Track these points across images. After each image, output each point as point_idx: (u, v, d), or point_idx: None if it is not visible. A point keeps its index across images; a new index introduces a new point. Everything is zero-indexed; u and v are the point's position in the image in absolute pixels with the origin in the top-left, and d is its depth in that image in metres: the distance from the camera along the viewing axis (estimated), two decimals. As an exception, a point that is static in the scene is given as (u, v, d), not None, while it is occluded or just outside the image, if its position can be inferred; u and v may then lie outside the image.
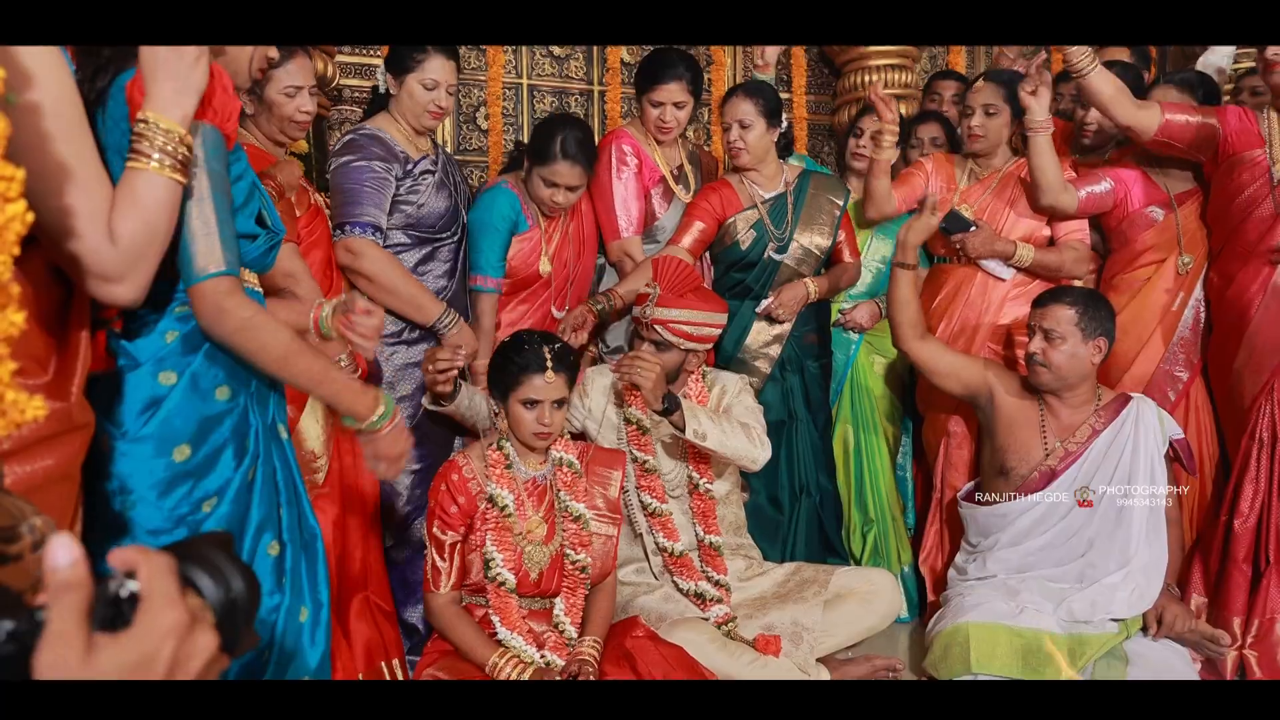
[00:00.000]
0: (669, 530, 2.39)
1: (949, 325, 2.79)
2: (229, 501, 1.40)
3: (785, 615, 2.30)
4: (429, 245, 2.44)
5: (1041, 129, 2.60)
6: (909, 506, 3.10)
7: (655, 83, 2.71)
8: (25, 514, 0.79)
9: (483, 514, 2.09)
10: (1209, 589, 2.52)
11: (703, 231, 2.71)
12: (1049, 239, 2.78)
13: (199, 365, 1.37)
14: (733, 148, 2.71)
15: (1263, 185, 2.46)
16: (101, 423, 1.29)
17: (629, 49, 3.80)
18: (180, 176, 1.18)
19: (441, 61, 2.39)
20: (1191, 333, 2.68)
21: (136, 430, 1.33)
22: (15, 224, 0.73)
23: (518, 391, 2.09)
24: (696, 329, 2.37)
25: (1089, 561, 2.32)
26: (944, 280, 2.84)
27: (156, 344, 1.34)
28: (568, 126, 2.49)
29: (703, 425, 2.26)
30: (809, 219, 2.78)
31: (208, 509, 1.39)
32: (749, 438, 2.33)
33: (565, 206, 2.55)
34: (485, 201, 2.53)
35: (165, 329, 1.35)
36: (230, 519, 1.41)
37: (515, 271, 2.58)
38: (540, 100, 3.72)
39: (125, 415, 1.33)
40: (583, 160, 2.47)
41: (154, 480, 1.34)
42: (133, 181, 1.14)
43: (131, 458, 1.33)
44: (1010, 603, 2.26)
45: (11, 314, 0.73)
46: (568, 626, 2.11)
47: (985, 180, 2.81)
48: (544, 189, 2.49)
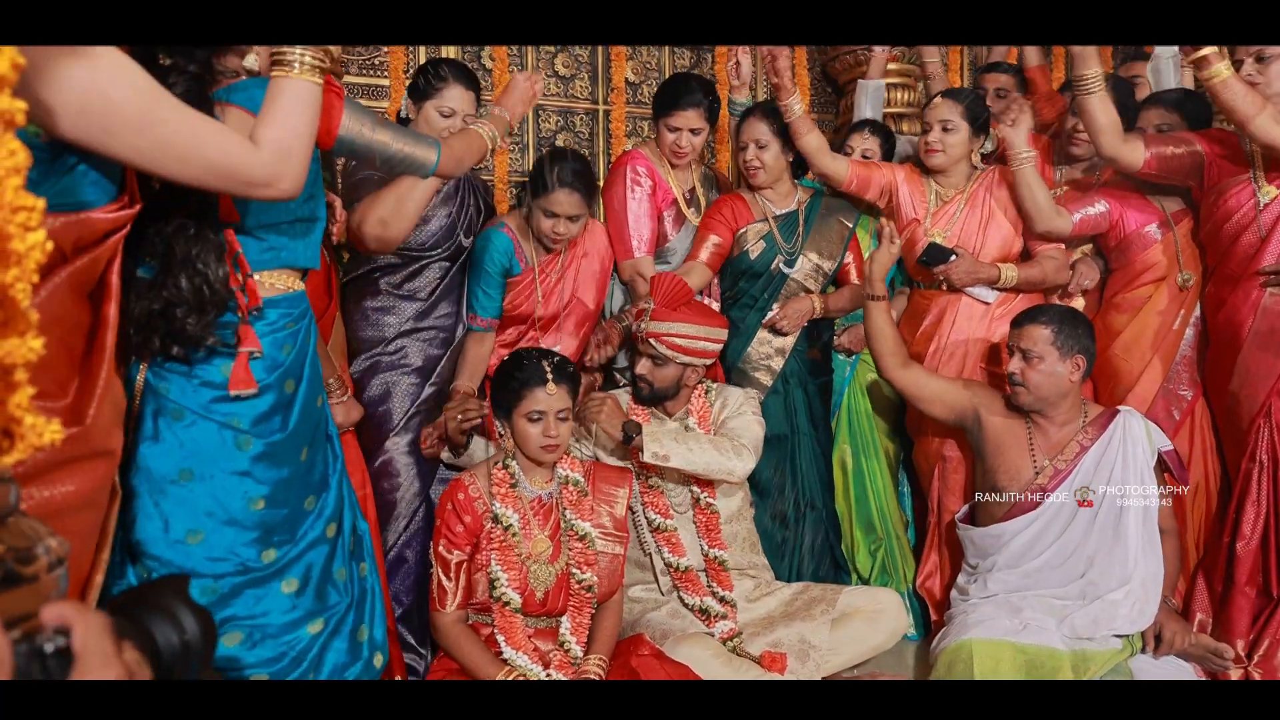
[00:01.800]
0: (675, 546, 2.40)
1: (938, 350, 2.79)
2: (332, 497, 1.61)
3: (792, 633, 2.30)
4: (416, 263, 2.47)
5: (1026, 161, 2.63)
6: (910, 523, 3.10)
7: (673, 108, 2.75)
8: (41, 535, 0.80)
9: (488, 533, 2.10)
10: (1214, 610, 2.51)
11: (719, 245, 2.75)
12: (1024, 250, 2.81)
13: (310, 372, 1.58)
14: (749, 167, 2.76)
15: (1249, 210, 2.46)
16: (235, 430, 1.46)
17: (633, 69, 3.83)
18: (317, 79, 1.32)
19: (460, 91, 2.43)
20: (1194, 350, 2.67)
21: (270, 435, 1.50)
22: (35, 252, 0.75)
23: (521, 406, 2.10)
24: (691, 343, 2.39)
25: (1090, 580, 2.31)
26: (928, 306, 2.84)
27: (277, 356, 1.53)
28: (564, 157, 2.52)
29: (664, 447, 2.28)
30: (818, 237, 2.83)
31: (310, 505, 1.58)
32: (719, 451, 2.33)
33: (567, 238, 2.55)
34: (481, 243, 2.55)
35: (283, 342, 1.54)
36: (334, 512, 1.62)
37: (507, 310, 2.60)
38: (546, 119, 3.76)
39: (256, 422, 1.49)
40: (580, 189, 2.48)
41: (281, 479, 1.52)
42: (274, 90, 1.30)
43: (268, 459, 1.50)
44: (1013, 619, 2.26)
45: (30, 340, 0.75)
46: (573, 645, 2.11)
47: (952, 201, 2.82)
48: (545, 221, 2.50)
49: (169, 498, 1.44)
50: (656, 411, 2.51)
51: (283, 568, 1.53)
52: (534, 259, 2.59)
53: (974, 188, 2.82)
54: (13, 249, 0.73)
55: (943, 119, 2.77)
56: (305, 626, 1.56)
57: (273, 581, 1.52)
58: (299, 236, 1.59)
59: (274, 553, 1.52)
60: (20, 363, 0.75)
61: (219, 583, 1.47)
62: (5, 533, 0.75)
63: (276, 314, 1.53)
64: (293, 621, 1.54)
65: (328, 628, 1.59)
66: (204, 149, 1.18)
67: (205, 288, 1.38)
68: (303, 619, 1.55)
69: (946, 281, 2.75)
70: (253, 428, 1.49)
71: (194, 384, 1.44)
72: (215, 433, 1.46)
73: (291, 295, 1.58)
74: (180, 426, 1.44)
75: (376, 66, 3.33)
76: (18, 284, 0.73)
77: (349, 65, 3.33)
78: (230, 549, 1.48)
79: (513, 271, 2.56)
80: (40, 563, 0.77)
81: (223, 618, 1.47)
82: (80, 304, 1.18)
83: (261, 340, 1.49)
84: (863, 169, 2.86)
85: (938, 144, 2.77)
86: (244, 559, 1.49)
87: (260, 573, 1.51)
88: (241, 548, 1.49)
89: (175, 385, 1.44)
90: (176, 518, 1.44)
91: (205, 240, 1.38)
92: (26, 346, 0.75)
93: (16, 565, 0.74)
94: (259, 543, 1.50)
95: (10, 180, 0.74)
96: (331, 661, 1.59)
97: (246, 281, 1.46)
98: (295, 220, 1.57)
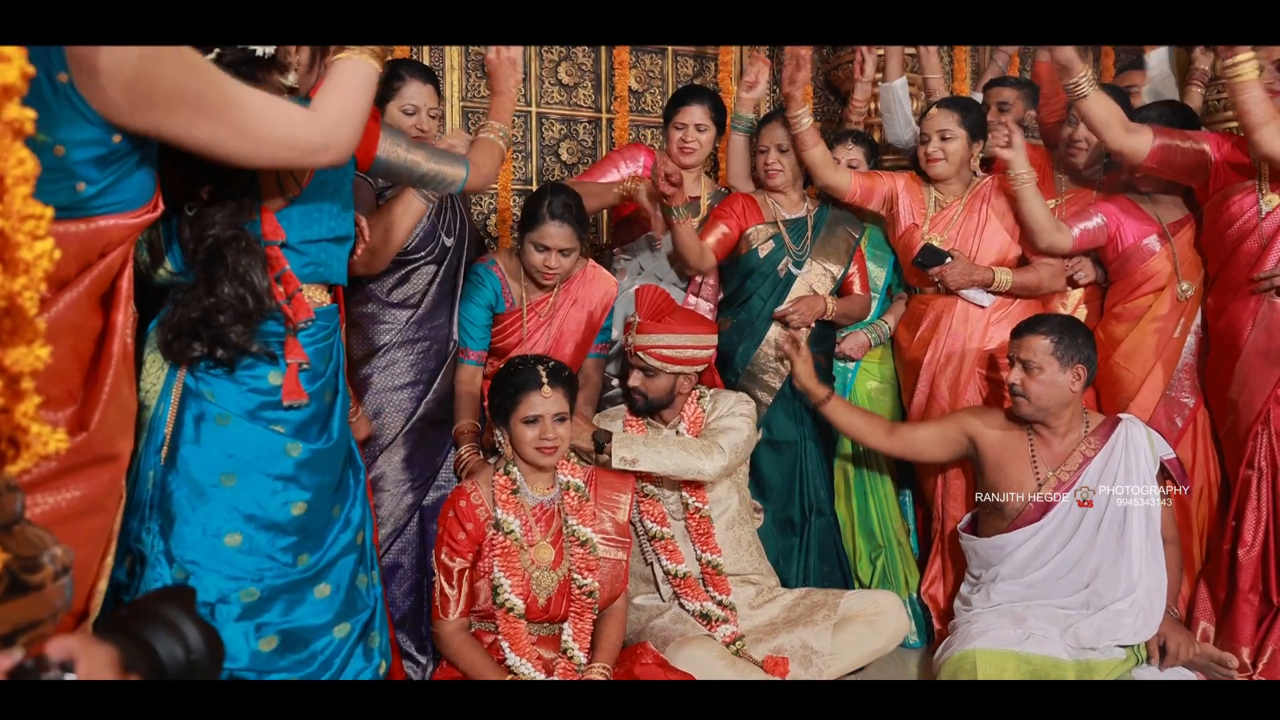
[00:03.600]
0: (673, 553, 2.41)
1: (934, 355, 2.80)
2: (359, 505, 1.66)
3: (794, 638, 2.30)
4: (403, 268, 2.45)
5: (1026, 182, 2.65)
6: (912, 530, 3.09)
7: (679, 105, 2.87)
8: (46, 544, 0.80)
9: (490, 540, 2.10)
10: (1217, 617, 2.51)
11: (725, 235, 2.84)
12: (1020, 257, 2.82)
13: (342, 385, 1.64)
14: (770, 169, 2.87)
15: (1251, 217, 2.46)
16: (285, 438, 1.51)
17: (637, 77, 3.84)
18: (377, 62, 1.40)
19: (418, 86, 2.43)
20: (1195, 358, 2.68)
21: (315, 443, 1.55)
22: (43, 261, 0.75)
23: (518, 411, 2.11)
24: (678, 352, 2.42)
25: (1094, 590, 2.30)
26: (924, 312, 2.85)
27: (319, 366, 1.58)
28: (554, 192, 2.51)
29: (632, 452, 2.31)
30: (825, 244, 2.89)
31: (337, 513, 1.62)
32: (687, 451, 2.34)
33: (559, 273, 2.50)
34: (471, 280, 2.56)
35: (323, 354, 1.59)
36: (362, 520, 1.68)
37: (494, 342, 2.60)
38: (549, 128, 3.77)
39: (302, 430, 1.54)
40: (571, 221, 2.46)
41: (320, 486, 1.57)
42: (337, 68, 1.39)
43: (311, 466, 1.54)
44: (1017, 629, 2.25)
45: (37, 348, 0.75)
46: (576, 652, 2.11)
47: (950, 207, 2.84)
48: (536, 255, 2.47)
49: (209, 501, 1.47)
50: (653, 421, 2.51)
51: (318, 573, 1.57)
52: (523, 298, 2.58)
53: (972, 194, 2.84)
54: (21, 257, 0.74)
55: (940, 129, 2.79)
56: (333, 631, 1.60)
57: (307, 587, 1.56)
58: (335, 253, 1.64)
59: (308, 558, 1.56)
60: (27, 371, 0.75)
61: (258, 585, 1.50)
62: (11, 541, 0.75)
63: (315, 327, 1.58)
64: (324, 625, 1.58)
65: (353, 633, 1.62)
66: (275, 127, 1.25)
67: (250, 297, 1.41)
68: (333, 623, 1.59)
69: (942, 283, 2.77)
70: (296, 435, 1.53)
71: (241, 389, 1.48)
72: (262, 437, 1.50)
73: (326, 309, 1.63)
74: (224, 430, 1.47)
75: (380, 74, 3.34)
76: (25, 292, 0.74)
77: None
78: (269, 553, 1.51)
79: (498, 308, 2.57)
80: (46, 571, 0.77)
81: (260, 622, 1.50)
82: (95, 311, 1.19)
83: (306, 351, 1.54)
84: (865, 180, 2.89)
85: (938, 153, 2.80)
86: (282, 563, 1.52)
87: (297, 577, 1.54)
88: (279, 552, 1.52)
89: (219, 390, 1.47)
90: (216, 520, 1.47)
91: (254, 252, 1.43)
92: (33, 355, 0.75)
93: (22, 574, 0.74)
94: (296, 548, 1.54)
95: (19, 189, 0.74)
96: (354, 667, 1.63)
97: (295, 296, 1.51)
98: (334, 238, 1.62)
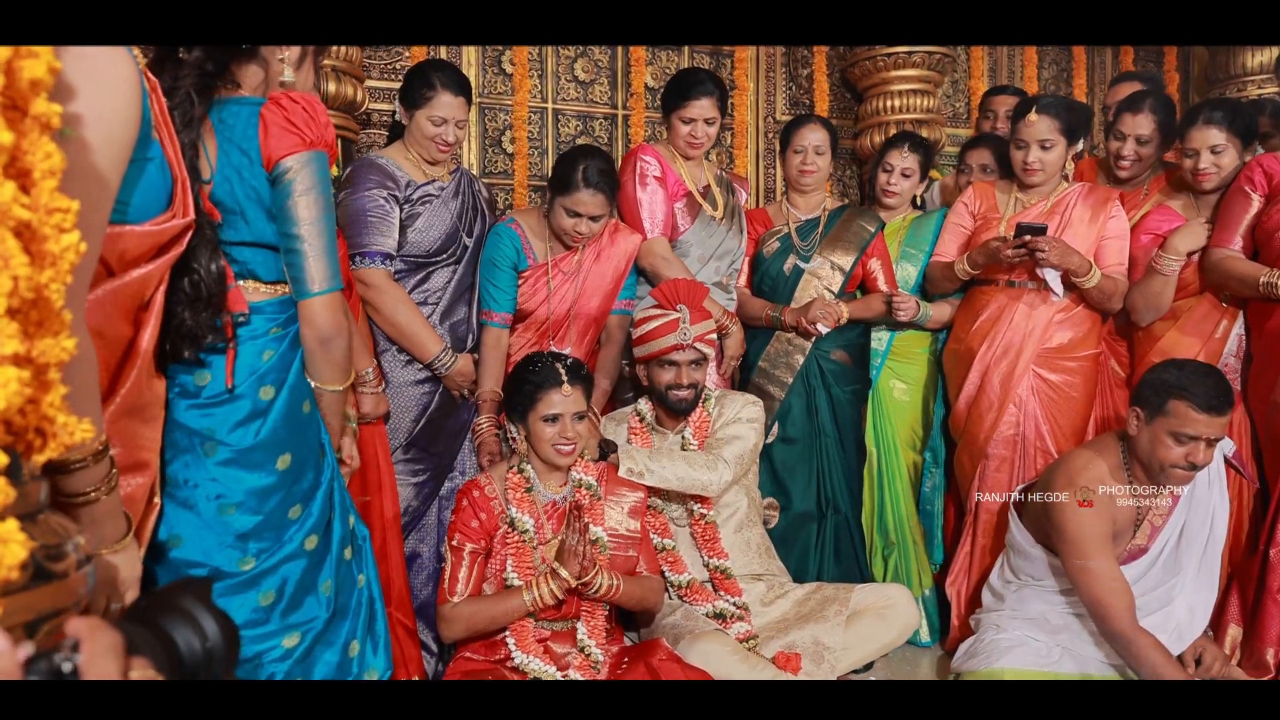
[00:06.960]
0: (675, 564, 2.40)
1: (991, 348, 2.73)
2: (317, 507, 1.56)
3: (806, 634, 2.29)
4: (424, 270, 2.46)
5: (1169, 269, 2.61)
6: (937, 541, 3.06)
7: (687, 99, 2.76)
8: (70, 533, 0.81)
9: (503, 536, 2.11)
10: (1245, 619, 2.49)
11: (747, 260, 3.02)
12: None
13: (294, 379, 1.53)
14: (805, 169, 2.92)
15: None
16: (203, 436, 1.43)
17: (652, 74, 3.84)
18: None
19: (450, 98, 2.43)
20: (1236, 359, 2.65)
21: (240, 441, 1.46)
22: (70, 253, 0.76)
23: (537, 409, 2.11)
24: (713, 333, 2.53)
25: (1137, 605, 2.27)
26: (984, 303, 2.77)
27: (255, 362, 1.48)
28: (590, 156, 2.51)
29: (639, 464, 2.30)
30: (835, 237, 2.91)
31: (295, 515, 1.53)
32: (691, 466, 2.33)
33: (589, 236, 2.55)
34: (491, 239, 2.57)
35: (263, 349, 1.49)
36: (317, 524, 1.56)
37: (519, 305, 2.60)
38: (565, 124, 3.77)
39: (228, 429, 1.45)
40: (605, 189, 2.48)
41: (254, 488, 1.48)
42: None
43: (237, 465, 1.46)
44: (1050, 639, 2.20)
45: (64, 340, 0.76)
46: (593, 649, 2.11)
47: (1034, 209, 2.75)
48: (566, 219, 2.50)
49: (168, 500, 1.44)
50: (658, 428, 2.52)
51: (258, 577, 1.49)
52: (547, 254, 2.59)
53: (1060, 196, 2.76)
54: (48, 250, 0.74)
55: (1041, 138, 2.67)
56: (280, 640, 1.51)
57: (247, 591, 1.48)
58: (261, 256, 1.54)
59: (253, 561, 1.48)
60: (54, 362, 0.76)
61: None
62: (36, 530, 0.76)
63: (260, 320, 1.50)
64: (265, 634, 1.50)
65: (303, 642, 1.54)
66: None
67: (201, 284, 1.36)
68: (277, 632, 1.51)
69: (1032, 253, 2.59)
70: (228, 434, 1.45)
71: (173, 392, 1.42)
72: (186, 439, 1.44)
73: (276, 301, 1.53)
74: (167, 432, 1.42)
75: (398, 71, 3.35)
76: (53, 284, 0.74)
77: (370, 69, 3.34)
78: (206, 554, 1.45)
79: (520, 266, 2.56)
80: (70, 560, 0.78)
81: None
82: (125, 320, 1.18)
83: (241, 346, 1.46)
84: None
85: (1037, 164, 2.69)
86: (217, 564, 1.46)
87: (234, 580, 1.47)
88: (216, 553, 1.46)
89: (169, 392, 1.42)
90: (166, 521, 1.43)
91: (201, 236, 1.35)
92: (60, 346, 0.76)
93: (47, 562, 0.75)
94: (235, 549, 1.47)
95: (46, 182, 0.75)
96: (320, 675, 1.55)
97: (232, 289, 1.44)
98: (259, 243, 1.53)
